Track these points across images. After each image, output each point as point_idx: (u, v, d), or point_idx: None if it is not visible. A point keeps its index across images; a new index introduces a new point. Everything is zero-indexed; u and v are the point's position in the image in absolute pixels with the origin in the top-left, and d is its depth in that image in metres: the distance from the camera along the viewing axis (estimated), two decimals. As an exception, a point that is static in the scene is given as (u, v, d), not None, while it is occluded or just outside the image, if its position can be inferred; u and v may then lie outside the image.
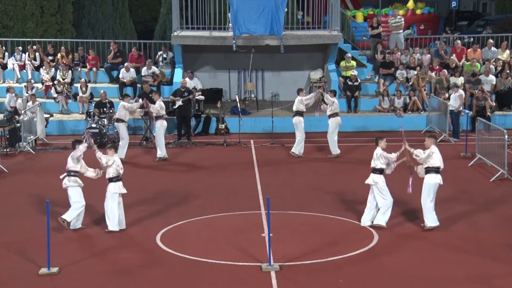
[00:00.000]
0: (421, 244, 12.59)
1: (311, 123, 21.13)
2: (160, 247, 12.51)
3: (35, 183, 16.96)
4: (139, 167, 18.46)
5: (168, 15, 27.65)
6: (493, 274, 11.17)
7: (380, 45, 25.57)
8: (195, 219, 14.09)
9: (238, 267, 11.55)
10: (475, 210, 14.60)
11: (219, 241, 12.83)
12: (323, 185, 16.51)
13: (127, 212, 14.39)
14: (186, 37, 24.01)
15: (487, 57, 25.27)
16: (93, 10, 29.71)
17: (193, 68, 24.70)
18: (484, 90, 22.82)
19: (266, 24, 23.18)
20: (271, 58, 24.97)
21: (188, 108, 21.68)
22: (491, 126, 18.83)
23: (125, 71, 24.20)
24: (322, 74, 25.34)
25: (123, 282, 11.02)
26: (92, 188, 14.33)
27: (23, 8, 27.18)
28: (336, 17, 24.44)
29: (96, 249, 12.47)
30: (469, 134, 19.66)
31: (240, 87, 25.28)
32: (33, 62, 25.28)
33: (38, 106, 21.34)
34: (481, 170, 17.79)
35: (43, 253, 11.63)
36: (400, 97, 23.85)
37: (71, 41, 27.02)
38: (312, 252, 12.09)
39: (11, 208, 15.08)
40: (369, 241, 12.66)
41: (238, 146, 20.96)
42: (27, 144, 20.14)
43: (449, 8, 37.24)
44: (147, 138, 21.54)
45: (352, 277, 11.09)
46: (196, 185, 16.65)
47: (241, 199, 15.43)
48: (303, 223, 13.88)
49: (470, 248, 12.35)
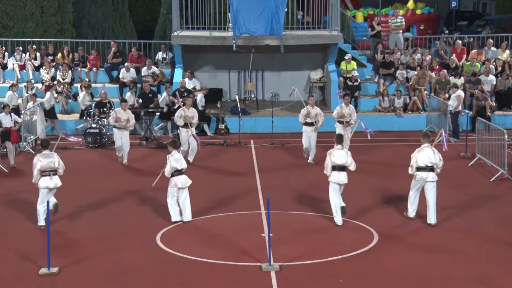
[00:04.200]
0: (421, 244, 12.59)
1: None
2: (160, 247, 12.52)
3: (35, 183, 16.96)
4: (139, 167, 18.46)
5: (168, 15, 27.63)
6: (493, 274, 11.18)
7: (380, 45, 25.58)
8: (195, 219, 14.08)
9: (238, 267, 11.55)
10: (475, 210, 14.61)
11: (219, 241, 12.83)
12: (323, 185, 16.48)
13: (127, 212, 14.44)
14: (186, 37, 24.01)
15: (487, 57, 25.27)
16: (93, 10, 29.68)
17: (193, 68, 24.71)
18: (484, 90, 22.82)
19: (266, 24, 23.17)
20: (271, 58, 24.97)
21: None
22: (491, 126, 18.83)
23: (125, 71, 24.21)
24: (322, 74, 25.35)
25: (123, 282, 11.02)
26: (92, 190, 14.33)
27: (23, 8, 27.16)
28: (336, 17, 24.45)
29: (96, 249, 12.46)
30: (469, 134, 19.67)
31: (240, 87, 25.29)
32: (33, 62, 25.29)
33: (38, 106, 21.33)
34: (481, 170, 17.79)
35: (43, 253, 11.63)
36: (400, 97, 23.85)
37: (71, 41, 27.01)
38: (312, 252, 12.09)
39: (11, 208, 15.08)
40: (369, 241, 12.66)
41: (238, 146, 20.96)
42: (27, 144, 20.14)
43: (449, 8, 37.23)
44: (147, 138, 21.55)
45: (352, 277, 11.10)
46: (196, 185, 16.62)
47: (241, 199, 15.43)
48: (303, 223, 13.89)
49: (470, 248, 12.35)
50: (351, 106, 19.17)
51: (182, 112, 18.48)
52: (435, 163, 13.39)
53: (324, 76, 25.26)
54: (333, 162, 13.51)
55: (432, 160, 13.36)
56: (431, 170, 13.42)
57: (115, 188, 16.46)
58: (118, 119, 18.57)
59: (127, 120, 18.60)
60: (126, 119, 18.59)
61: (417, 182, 13.63)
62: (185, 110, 18.50)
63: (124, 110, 18.77)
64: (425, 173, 13.41)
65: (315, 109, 18.81)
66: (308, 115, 18.66)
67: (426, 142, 13.59)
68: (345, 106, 18.81)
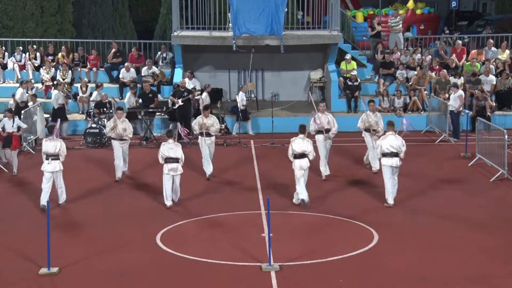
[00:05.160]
0: (421, 244, 12.59)
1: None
2: (160, 247, 12.52)
3: (35, 183, 16.97)
4: (139, 167, 18.44)
5: (168, 15, 27.64)
6: (493, 274, 11.18)
7: (380, 45, 25.58)
8: (195, 219, 14.09)
9: (238, 267, 11.55)
10: (475, 210, 14.60)
11: (219, 241, 12.84)
12: (323, 185, 16.50)
13: (127, 211, 14.44)
14: (186, 37, 24.01)
15: (487, 57, 25.27)
16: (93, 10, 29.68)
17: (193, 68, 24.70)
18: (484, 90, 22.81)
19: (266, 24, 23.17)
20: (271, 58, 24.96)
21: (188, 108, 21.68)
22: (491, 126, 18.82)
23: (125, 71, 24.22)
24: (322, 74, 25.34)
25: (123, 282, 11.02)
26: (93, 190, 14.34)
27: (23, 8, 27.16)
28: (336, 17, 24.44)
29: (96, 249, 12.47)
30: (469, 134, 19.66)
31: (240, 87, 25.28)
32: (33, 62, 25.29)
33: (38, 106, 21.33)
34: (481, 170, 17.79)
35: (43, 253, 11.63)
36: (400, 97, 23.84)
37: (71, 41, 27.01)
38: (312, 252, 12.09)
39: (11, 208, 15.09)
40: (369, 241, 12.66)
41: (238, 146, 20.96)
42: (27, 144, 20.13)
43: (449, 8, 37.16)
44: (147, 138, 21.56)
45: (352, 277, 11.10)
46: (196, 185, 16.64)
47: (241, 199, 15.43)
48: (303, 223, 13.89)
49: (470, 248, 12.35)
50: (377, 114, 17.77)
51: (200, 119, 17.22)
52: (398, 148, 14.51)
53: (324, 76, 25.26)
54: (294, 150, 14.64)
55: (395, 146, 14.51)
56: (395, 156, 14.55)
57: (115, 188, 16.46)
58: (115, 127, 17.22)
59: (124, 129, 17.25)
60: (123, 128, 17.24)
61: (386, 169, 14.63)
62: (203, 117, 17.19)
63: (119, 118, 17.34)
64: (390, 158, 14.56)
65: (327, 115, 17.26)
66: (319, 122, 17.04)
67: (390, 130, 14.85)
68: (372, 114, 17.49)
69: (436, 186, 16.14)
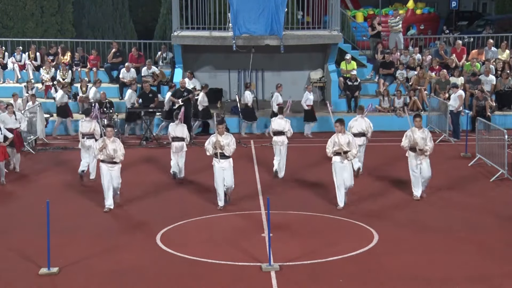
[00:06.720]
0: (421, 244, 12.58)
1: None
2: (160, 247, 12.52)
3: (35, 183, 16.97)
4: (139, 167, 18.44)
5: (168, 15, 27.64)
6: (493, 274, 11.17)
7: (380, 45, 25.58)
8: (195, 219, 14.09)
9: (238, 267, 11.55)
10: (475, 210, 14.60)
11: (219, 241, 12.83)
12: (324, 185, 16.49)
13: (128, 211, 14.42)
14: (186, 37, 24.01)
15: (487, 57, 25.27)
16: (93, 10, 29.69)
17: (193, 68, 24.69)
18: (484, 90, 22.82)
19: (266, 24, 23.18)
20: (271, 58, 24.96)
21: (188, 108, 21.65)
22: (491, 126, 18.82)
23: (126, 71, 24.22)
24: (322, 74, 25.35)
25: (123, 282, 11.02)
26: (93, 189, 14.33)
27: (23, 8, 27.17)
28: (336, 17, 24.44)
29: (96, 249, 12.46)
30: (469, 134, 19.66)
31: (240, 87, 25.25)
32: (33, 62, 25.29)
33: (38, 106, 21.33)
34: (481, 170, 17.79)
35: (43, 253, 11.63)
36: (400, 97, 23.85)
37: (71, 41, 27.02)
38: (312, 252, 12.09)
39: (11, 208, 15.09)
40: (369, 241, 12.66)
41: (238, 146, 20.88)
42: (27, 144, 20.13)
43: (449, 8, 37.15)
44: (147, 138, 21.54)
45: (352, 277, 11.09)
46: (196, 185, 16.65)
47: (241, 199, 15.43)
48: (303, 223, 13.89)
49: (470, 248, 12.34)
50: (425, 130, 15.22)
51: (214, 138, 14.62)
52: (365, 130, 16.80)
53: (324, 76, 25.26)
54: (273, 128, 16.95)
55: (363, 127, 16.78)
56: (363, 135, 16.79)
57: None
58: (104, 148, 14.41)
59: (115, 150, 14.44)
60: (113, 149, 14.44)
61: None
62: (217, 135, 14.65)
63: (109, 137, 14.54)
64: (358, 138, 15.98)
65: (347, 135, 14.63)
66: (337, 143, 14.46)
67: (360, 113, 17.01)
68: (418, 130, 15.09)
69: (436, 186, 16.13)
